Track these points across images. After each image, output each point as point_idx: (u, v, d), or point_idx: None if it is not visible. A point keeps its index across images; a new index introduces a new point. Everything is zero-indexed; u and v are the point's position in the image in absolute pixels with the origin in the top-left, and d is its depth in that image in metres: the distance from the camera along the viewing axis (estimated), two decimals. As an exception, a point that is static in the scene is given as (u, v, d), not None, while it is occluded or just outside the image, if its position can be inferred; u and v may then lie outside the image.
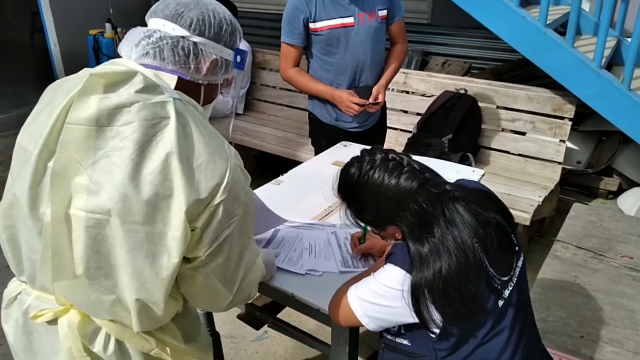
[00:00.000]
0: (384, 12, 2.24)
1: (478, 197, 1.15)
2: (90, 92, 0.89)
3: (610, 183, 3.26)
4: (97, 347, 1.02)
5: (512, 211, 1.20)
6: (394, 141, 3.30)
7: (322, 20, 2.17)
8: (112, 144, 0.89)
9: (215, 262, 0.97)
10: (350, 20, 2.18)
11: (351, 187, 1.17)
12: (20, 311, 1.07)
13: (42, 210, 0.94)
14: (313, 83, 2.28)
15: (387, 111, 2.55)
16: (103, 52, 4.54)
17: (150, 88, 0.92)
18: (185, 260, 0.95)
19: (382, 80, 2.31)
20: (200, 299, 1.05)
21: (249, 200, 1.00)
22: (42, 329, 1.06)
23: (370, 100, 2.22)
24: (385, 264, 1.12)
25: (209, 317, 1.74)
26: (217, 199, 0.92)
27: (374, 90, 2.25)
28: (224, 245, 0.97)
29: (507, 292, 1.10)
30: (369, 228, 1.43)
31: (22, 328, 1.07)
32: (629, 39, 2.76)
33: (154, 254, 0.91)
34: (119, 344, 1.03)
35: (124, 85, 0.91)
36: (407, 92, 3.38)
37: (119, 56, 1.04)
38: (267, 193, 1.85)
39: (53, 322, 1.03)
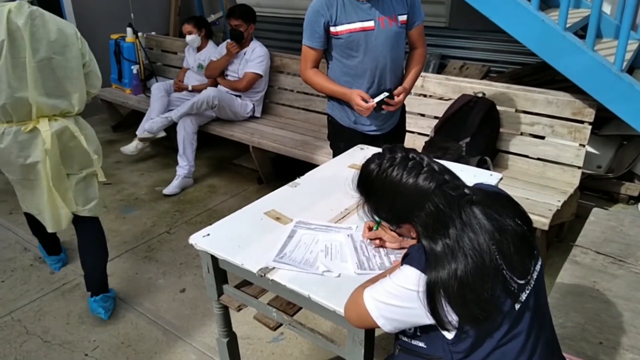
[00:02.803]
0: (404, 17, 2.25)
1: (496, 201, 1.15)
2: (18, 11, 2.00)
3: (631, 188, 3.21)
4: (60, 125, 2.19)
5: (531, 215, 1.19)
6: (411, 144, 3.29)
7: (342, 24, 2.18)
8: (34, 30, 2.02)
9: (93, 63, 2.28)
10: (371, 24, 2.19)
11: (369, 182, 1.19)
12: (12, 134, 2.12)
13: (19, 65, 2.03)
14: (329, 83, 2.31)
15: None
16: (124, 56, 4.61)
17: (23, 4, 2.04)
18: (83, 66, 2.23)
19: (405, 84, 2.31)
20: (94, 82, 2.31)
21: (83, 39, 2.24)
22: (27, 136, 2.14)
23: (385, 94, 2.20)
24: (402, 265, 1.12)
25: (227, 319, 1.77)
26: (79, 34, 2.20)
27: (398, 89, 2.24)
28: (90, 52, 2.26)
29: (524, 296, 1.09)
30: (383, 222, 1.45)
31: (15, 141, 2.13)
32: (651, 42, 2.73)
33: (74, 65, 2.16)
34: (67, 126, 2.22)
35: (21, 8, 2.01)
36: (425, 96, 3.38)
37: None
38: (283, 195, 1.87)
39: (34, 132, 2.13)
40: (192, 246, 1.57)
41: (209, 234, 1.60)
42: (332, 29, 2.20)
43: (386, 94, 2.22)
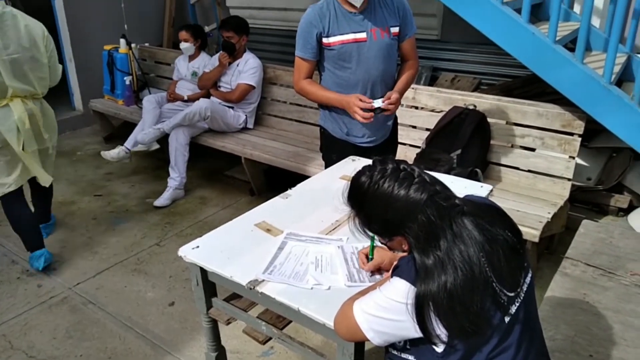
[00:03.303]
0: (396, 29, 2.26)
1: (487, 212, 1.15)
2: None
3: (620, 200, 3.23)
4: (29, 106, 2.69)
5: (521, 227, 1.19)
6: (403, 156, 3.30)
7: (335, 35, 2.19)
8: (5, 29, 2.51)
9: (53, 56, 2.77)
10: (363, 35, 2.20)
11: (361, 195, 1.18)
12: None
13: None
14: (323, 91, 2.31)
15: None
16: (117, 67, 4.60)
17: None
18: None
19: (395, 88, 2.29)
20: (55, 72, 2.82)
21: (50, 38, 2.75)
22: (2, 112, 2.59)
23: (384, 100, 2.16)
24: (392, 277, 1.12)
25: (216, 332, 1.75)
26: (46, 33, 2.70)
27: (388, 92, 2.23)
28: (54, 50, 2.77)
29: (513, 309, 1.09)
30: (376, 243, 1.43)
31: None
32: None
33: (39, 59, 2.66)
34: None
35: None
36: (417, 108, 3.39)
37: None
38: (274, 206, 1.87)
39: (7, 108, 2.61)
40: (182, 258, 1.56)
41: (198, 246, 1.59)
42: (324, 40, 2.21)
43: (391, 99, 2.16)
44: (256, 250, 1.57)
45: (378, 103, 2.17)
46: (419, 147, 3.21)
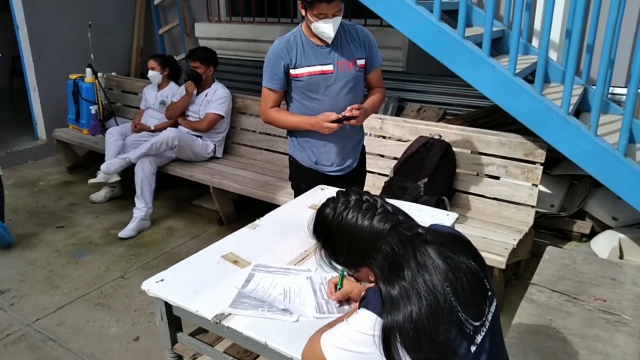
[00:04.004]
0: (362, 61, 2.31)
1: (450, 241, 1.16)
2: None
3: (583, 226, 3.32)
4: None
5: (487, 254, 1.21)
6: (371, 184, 3.33)
7: (302, 66, 2.23)
8: None
9: None
10: (330, 67, 2.24)
11: (325, 227, 1.18)
12: None
13: None
14: (292, 116, 2.33)
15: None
16: (83, 96, 4.54)
17: None
18: None
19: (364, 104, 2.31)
20: None
21: None
22: None
23: (346, 112, 2.18)
24: (359, 308, 1.11)
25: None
26: None
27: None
28: None
29: (479, 338, 1.09)
30: (345, 273, 1.42)
31: None
32: (595, 87, 2.88)
33: None
34: None
35: None
36: (384, 137, 3.45)
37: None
38: (242, 237, 1.84)
39: None
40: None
41: (162, 279, 1.55)
42: (292, 71, 2.24)
43: (354, 111, 2.19)
44: (223, 283, 1.54)
45: (344, 113, 2.19)
46: (387, 175, 3.25)
